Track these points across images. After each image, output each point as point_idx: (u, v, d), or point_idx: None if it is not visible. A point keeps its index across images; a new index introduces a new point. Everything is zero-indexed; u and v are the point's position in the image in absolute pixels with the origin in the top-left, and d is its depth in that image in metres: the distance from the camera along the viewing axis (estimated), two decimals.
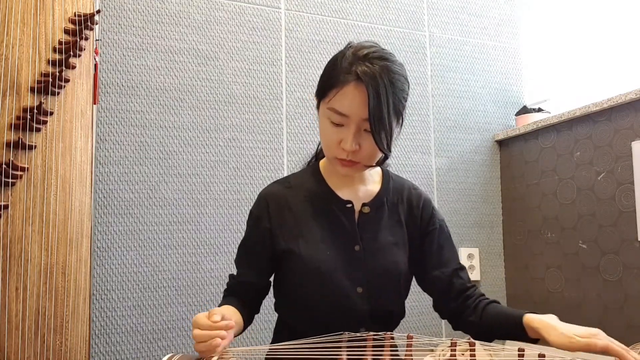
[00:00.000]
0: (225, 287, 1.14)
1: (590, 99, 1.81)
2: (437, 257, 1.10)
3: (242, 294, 1.10)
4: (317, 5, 1.98)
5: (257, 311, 1.14)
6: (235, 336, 1.01)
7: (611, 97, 1.71)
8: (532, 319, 0.94)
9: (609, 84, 1.90)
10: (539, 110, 2.13)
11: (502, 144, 2.21)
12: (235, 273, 1.13)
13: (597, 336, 0.85)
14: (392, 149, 0.99)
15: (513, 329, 0.97)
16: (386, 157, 1.01)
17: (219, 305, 1.06)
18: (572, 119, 1.87)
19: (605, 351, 0.83)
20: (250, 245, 1.12)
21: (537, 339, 0.94)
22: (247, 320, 1.08)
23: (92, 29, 1.40)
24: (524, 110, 2.18)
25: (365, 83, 0.92)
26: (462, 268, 1.12)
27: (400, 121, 1.00)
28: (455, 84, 2.18)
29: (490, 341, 1.03)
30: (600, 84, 1.95)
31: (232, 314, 0.99)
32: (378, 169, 1.15)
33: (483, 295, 1.09)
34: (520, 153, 2.11)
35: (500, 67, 2.27)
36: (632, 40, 1.86)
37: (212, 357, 0.82)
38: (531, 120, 2.09)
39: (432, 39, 2.16)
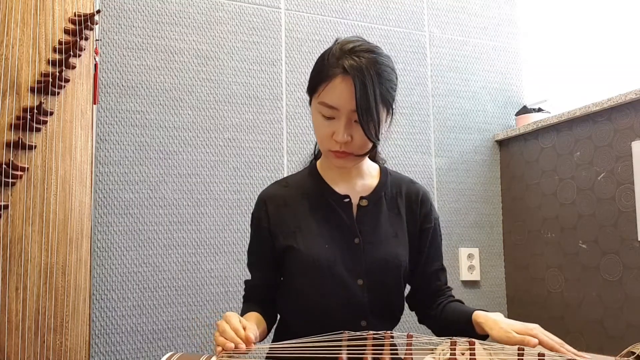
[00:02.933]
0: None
1: (590, 99, 1.81)
2: (425, 255, 1.14)
3: (259, 298, 1.13)
4: (317, 5, 1.98)
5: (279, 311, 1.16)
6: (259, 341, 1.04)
7: (611, 97, 1.71)
8: (478, 315, 0.98)
9: (609, 84, 1.90)
10: (539, 110, 2.13)
11: (502, 144, 2.21)
12: (249, 278, 1.16)
13: (533, 331, 0.88)
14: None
15: (463, 325, 1.01)
16: (374, 147, 1.03)
17: (242, 312, 1.09)
18: (572, 119, 1.87)
19: (540, 346, 0.87)
20: (256, 248, 1.14)
21: (487, 336, 0.97)
22: (270, 323, 1.11)
23: (92, 29, 1.40)
24: (524, 110, 2.18)
25: (352, 75, 0.95)
26: (443, 269, 1.16)
27: (391, 111, 1.03)
28: (455, 84, 2.18)
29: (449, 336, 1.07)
30: (600, 84, 1.94)
31: (259, 324, 1.02)
32: (376, 165, 1.16)
33: (452, 296, 1.14)
34: (520, 153, 2.11)
35: (500, 67, 2.27)
36: (632, 40, 1.85)
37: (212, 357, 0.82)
38: (531, 120, 2.09)
39: (432, 39, 2.16)
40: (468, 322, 1.00)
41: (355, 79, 0.94)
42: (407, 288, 1.18)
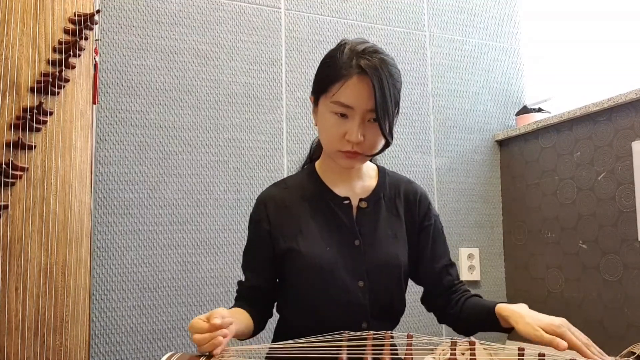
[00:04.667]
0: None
1: (591, 99, 1.81)
2: (429, 253, 1.13)
3: (251, 299, 1.11)
4: (317, 5, 1.98)
5: (270, 315, 1.15)
6: (245, 339, 1.02)
7: (611, 97, 1.71)
8: (503, 308, 0.96)
9: (610, 83, 1.90)
10: (539, 110, 2.13)
11: (502, 144, 2.21)
12: (242, 279, 1.14)
13: (560, 329, 0.86)
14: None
15: (487, 319, 1.00)
16: (387, 146, 1.03)
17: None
18: (572, 119, 1.87)
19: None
20: (253, 249, 1.13)
21: (511, 329, 0.95)
22: (258, 323, 1.09)
23: (92, 29, 1.40)
24: (524, 110, 2.18)
25: (370, 75, 0.96)
26: (452, 265, 1.15)
27: (397, 111, 1.04)
28: (455, 84, 2.18)
29: (471, 334, 1.06)
30: (600, 83, 1.94)
31: (234, 313, 1.00)
32: (374, 165, 1.16)
33: (468, 291, 1.13)
34: (520, 153, 2.11)
35: (500, 67, 2.27)
36: (632, 40, 1.85)
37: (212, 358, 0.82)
38: (531, 120, 2.09)
39: (432, 39, 2.16)
40: (491, 316, 0.98)
41: (374, 78, 0.96)
42: (413, 289, 1.17)
